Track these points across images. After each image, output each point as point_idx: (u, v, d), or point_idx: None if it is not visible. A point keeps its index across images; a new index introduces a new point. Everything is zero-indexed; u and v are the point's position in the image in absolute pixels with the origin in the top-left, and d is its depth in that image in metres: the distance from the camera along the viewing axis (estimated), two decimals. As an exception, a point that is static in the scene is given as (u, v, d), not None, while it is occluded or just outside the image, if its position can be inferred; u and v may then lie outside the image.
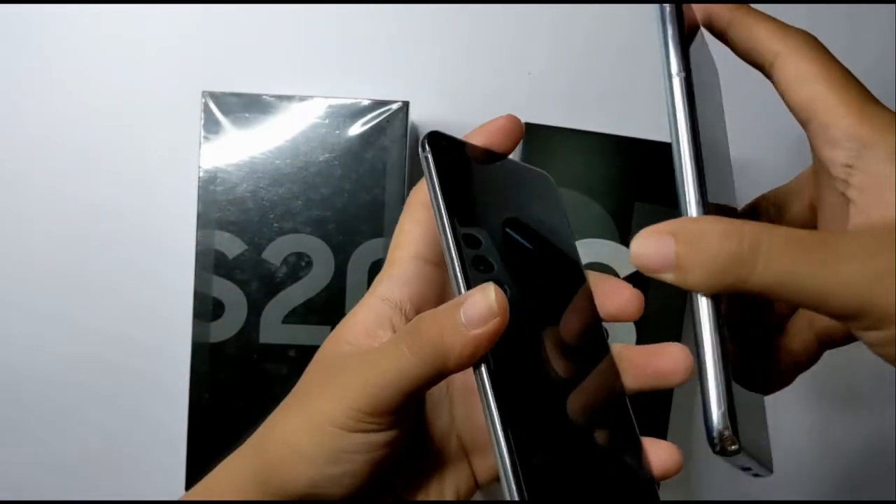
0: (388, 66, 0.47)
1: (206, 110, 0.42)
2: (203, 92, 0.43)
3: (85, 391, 0.48)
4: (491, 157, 0.31)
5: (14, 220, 0.47)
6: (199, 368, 0.43)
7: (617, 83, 0.48)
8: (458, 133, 0.31)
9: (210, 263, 0.42)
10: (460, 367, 0.26)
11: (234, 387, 0.43)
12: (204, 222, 0.42)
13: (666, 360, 0.29)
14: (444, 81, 0.47)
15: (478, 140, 0.31)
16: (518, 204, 0.31)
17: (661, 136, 0.44)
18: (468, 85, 0.47)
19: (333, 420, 0.27)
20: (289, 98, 0.42)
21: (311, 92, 0.44)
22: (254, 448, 0.30)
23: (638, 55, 0.47)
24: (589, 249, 0.43)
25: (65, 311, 0.47)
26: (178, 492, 0.47)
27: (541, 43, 0.47)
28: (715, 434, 0.23)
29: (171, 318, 0.46)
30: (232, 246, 0.42)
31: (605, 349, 0.30)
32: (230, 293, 0.42)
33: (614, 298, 0.30)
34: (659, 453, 0.29)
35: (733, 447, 0.23)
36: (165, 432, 0.47)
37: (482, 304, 0.25)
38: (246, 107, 0.43)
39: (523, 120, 0.44)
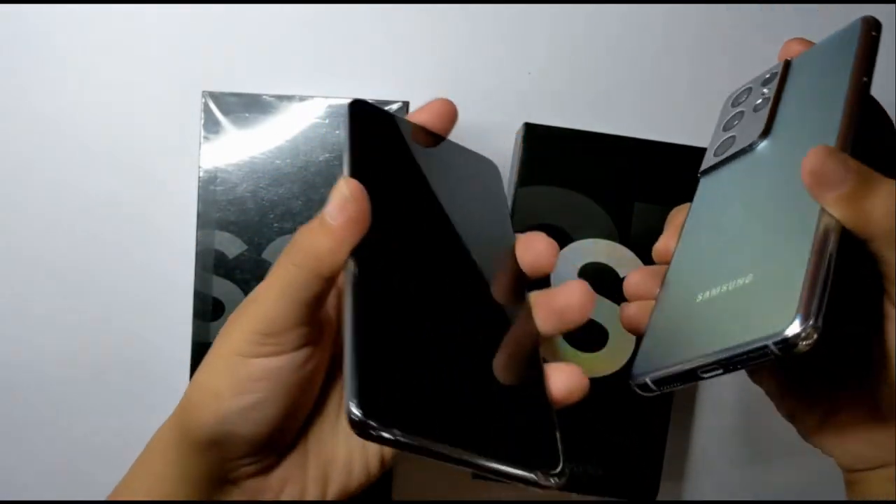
0: (388, 66, 0.47)
1: (206, 110, 0.43)
2: (203, 92, 0.43)
3: (84, 391, 0.48)
4: (427, 135, 0.33)
5: (14, 221, 0.47)
6: (199, 368, 0.43)
7: (617, 83, 0.48)
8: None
9: (210, 263, 0.42)
10: (333, 265, 0.27)
11: (234, 387, 0.43)
12: (204, 222, 0.42)
13: (561, 296, 0.30)
14: (444, 81, 0.47)
15: (419, 118, 0.33)
16: (446, 178, 0.33)
17: (661, 136, 0.44)
18: (468, 85, 0.47)
19: (238, 349, 0.28)
20: (289, 98, 0.42)
21: (311, 92, 0.44)
22: (180, 402, 0.31)
23: (638, 55, 0.47)
24: (589, 249, 0.43)
25: (64, 310, 0.47)
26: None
27: (540, 43, 0.47)
28: (802, 325, 0.23)
29: (171, 318, 0.46)
30: (232, 246, 0.42)
31: (522, 298, 0.30)
32: (230, 293, 0.42)
33: (529, 249, 0.31)
34: (560, 377, 0.29)
35: (810, 342, 0.23)
36: (165, 432, 0.48)
37: (336, 195, 0.27)
38: (246, 107, 0.43)
39: (523, 120, 0.44)
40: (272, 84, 0.46)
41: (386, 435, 0.23)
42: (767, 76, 0.32)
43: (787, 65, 0.31)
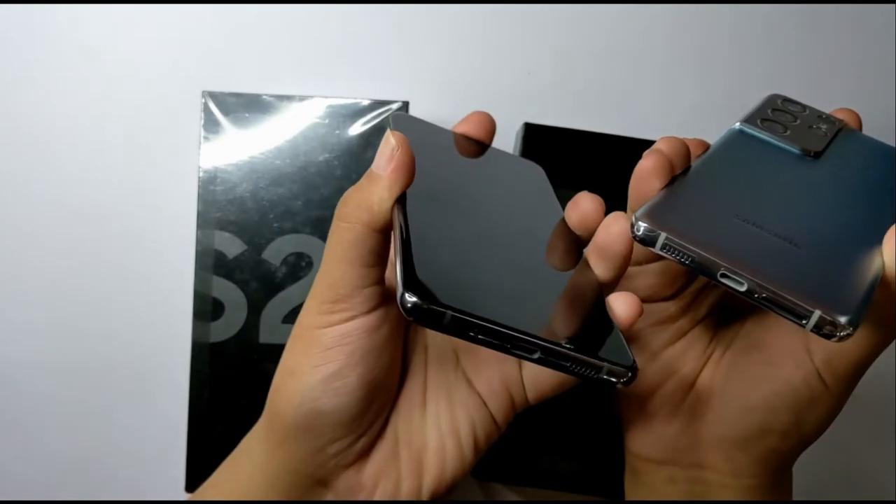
0: (388, 66, 0.47)
1: (206, 110, 0.43)
2: (203, 92, 0.43)
3: (84, 391, 0.48)
4: (470, 141, 0.34)
5: (14, 219, 0.47)
6: (199, 368, 0.43)
7: (617, 83, 0.48)
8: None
9: (210, 263, 0.42)
10: (382, 213, 0.28)
11: (234, 387, 0.43)
12: (204, 222, 0.42)
13: (600, 235, 0.30)
14: (444, 81, 0.47)
15: (460, 129, 0.35)
16: (490, 174, 0.34)
17: (661, 136, 0.44)
18: (468, 85, 0.47)
19: (311, 323, 0.29)
20: (289, 98, 0.42)
21: (311, 92, 0.44)
22: (268, 396, 0.31)
23: (638, 55, 0.47)
24: (589, 249, 0.43)
25: (64, 310, 0.47)
26: (179, 491, 0.47)
27: (541, 43, 0.47)
28: (851, 324, 0.26)
29: (171, 318, 0.46)
30: (232, 246, 0.42)
31: (579, 258, 0.30)
32: (230, 293, 0.42)
33: (575, 209, 0.31)
34: (619, 300, 0.29)
35: (841, 337, 0.26)
36: (165, 432, 0.47)
37: (383, 147, 0.28)
38: (246, 107, 0.43)
39: (523, 120, 0.44)
40: (272, 84, 0.46)
41: (442, 311, 0.23)
42: (823, 116, 0.36)
43: (840, 128, 0.35)
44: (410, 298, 0.23)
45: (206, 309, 0.42)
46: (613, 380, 0.25)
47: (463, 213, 0.30)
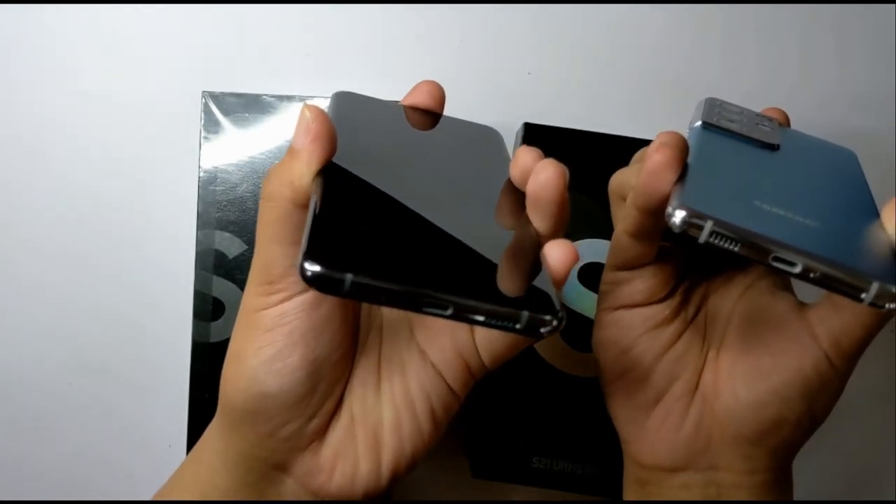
0: (388, 66, 0.47)
1: (206, 110, 0.43)
2: (203, 92, 0.43)
3: (85, 391, 0.48)
4: (420, 113, 0.34)
5: (14, 221, 0.47)
6: (199, 368, 0.43)
7: (616, 83, 0.48)
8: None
9: (210, 263, 0.42)
10: (304, 187, 0.27)
11: (234, 387, 0.43)
12: (204, 222, 0.42)
13: (530, 185, 0.29)
14: (443, 81, 0.47)
15: (409, 100, 0.34)
16: (439, 145, 0.33)
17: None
18: (468, 85, 0.47)
19: (251, 306, 0.29)
20: (289, 98, 0.42)
21: (311, 92, 0.44)
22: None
23: (637, 55, 0.47)
24: (589, 249, 0.43)
25: (64, 310, 0.47)
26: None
27: (540, 43, 0.47)
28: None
29: (171, 319, 0.46)
30: (232, 246, 0.42)
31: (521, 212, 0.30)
32: (230, 293, 0.42)
33: (516, 165, 0.30)
34: (553, 250, 0.27)
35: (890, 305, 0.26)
36: (165, 432, 0.48)
37: (299, 121, 0.28)
38: (246, 107, 0.43)
39: (523, 120, 0.44)
40: (272, 84, 0.46)
41: (341, 277, 0.23)
42: (759, 114, 0.36)
43: (780, 124, 0.36)
44: (309, 267, 0.23)
45: (206, 309, 0.43)
46: (541, 329, 0.24)
47: (395, 181, 0.29)
